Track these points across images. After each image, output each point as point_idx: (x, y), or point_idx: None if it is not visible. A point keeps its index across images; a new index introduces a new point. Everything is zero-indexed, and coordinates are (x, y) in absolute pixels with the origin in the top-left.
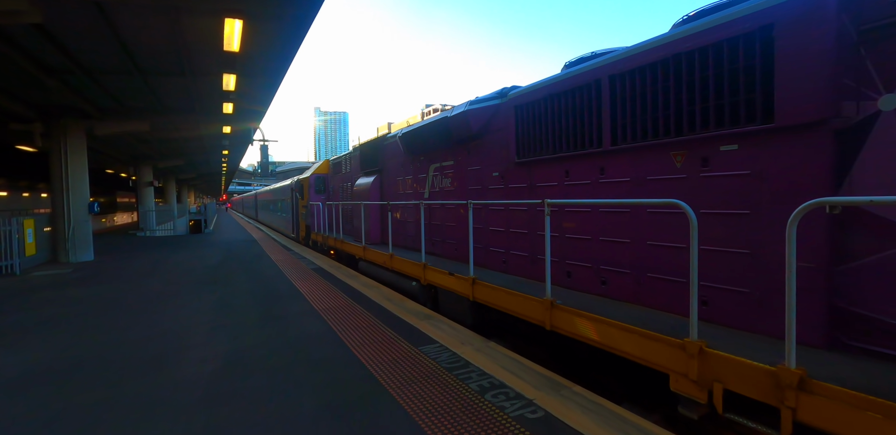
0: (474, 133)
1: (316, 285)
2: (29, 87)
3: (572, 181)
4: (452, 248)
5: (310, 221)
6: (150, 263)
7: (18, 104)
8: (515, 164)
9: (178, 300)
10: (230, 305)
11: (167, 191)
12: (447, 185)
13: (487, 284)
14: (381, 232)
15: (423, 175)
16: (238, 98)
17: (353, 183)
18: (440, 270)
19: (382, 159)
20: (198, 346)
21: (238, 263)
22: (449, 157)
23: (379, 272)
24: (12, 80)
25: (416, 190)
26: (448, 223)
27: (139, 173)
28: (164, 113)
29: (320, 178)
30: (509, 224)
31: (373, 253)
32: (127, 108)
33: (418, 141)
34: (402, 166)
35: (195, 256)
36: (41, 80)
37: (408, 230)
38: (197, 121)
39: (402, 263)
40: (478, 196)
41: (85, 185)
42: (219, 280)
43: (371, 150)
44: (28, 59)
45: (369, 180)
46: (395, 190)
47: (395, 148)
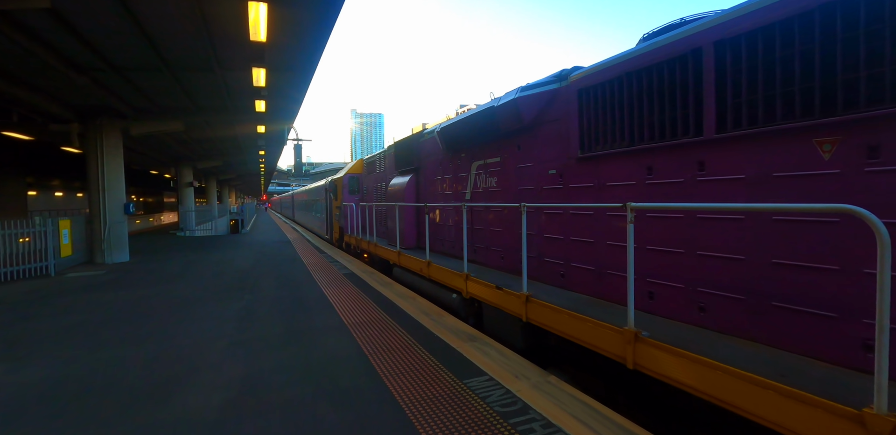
0: (526, 124)
1: (347, 294)
2: (63, 86)
3: (657, 180)
4: (498, 256)
5: (343, 223)
6: (182, 265)
7: (56, 105)
8: (578, 160)
9: (201, 308)
10: (254, 316)
11: (209, 191)
12: (492, 186)
13: (545, 304)
14: (416, 236)
15: (465, 174)
16: (270, 95)
17: (388, 183)
18: (486, 283)
19: (419, 157)
20: (211, 367)
21: (269, 267)
22: (495, 153)
23: (414, 280)
24: (44, 78)
25: (456, 190)
26: (493, 228)
27: (179, 174)
28: (197, 112)
29: (354, 179)
30: (570, 231)
31: (408, 259)
32: (161, 107)
33: (459, 136)
34: (440, 165)
35: (228, 257)
36: (72, 78)
37: (447, 235)
38: (230, 120)
39: (440, 272)
40: (530, 197)
41: (121, 186)
42: (247, 285)
43: (406, 147)
44: (55, 56)
45: (404, 180)
46: (433, 190)
47: (433, 145)
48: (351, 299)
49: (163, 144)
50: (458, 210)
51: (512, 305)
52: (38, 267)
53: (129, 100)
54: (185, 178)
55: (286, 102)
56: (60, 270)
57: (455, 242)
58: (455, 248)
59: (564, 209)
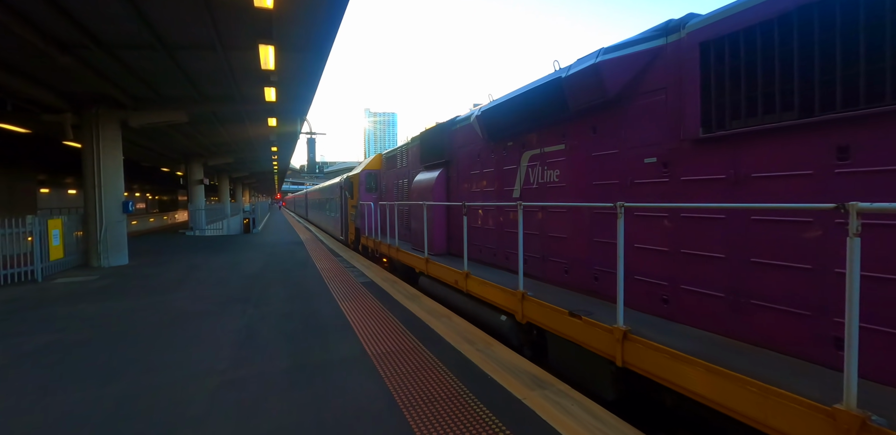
0: (609, 98)
1: (367, 310)
2: (48, 69)
3: (859, 167)
4: (560, 270)
5: (359, 223)
6: (184, 270)
7: (47, 93)
8: (697, 143)
9: (196, 327)
10: (256, 340)
11: (221, 189)
12: (552, 180)
13: (658, 347)
14: (447, 240)
15: (512, 167)
16: (280, 81)
17: (411, 179)
18: (552, 307)
19: (450, 149)
20: (189, 425)
21: (279, 273)
22: (557, 139)
23: (448, 295)
24: (23, 57)
25: (500, 187)
26: (554, 234)
27: (189, 171)
28: (202, 102)
29: (371, 175)
30: (679, 241)
31: (439, 268)
32: (162, 96)
33: (507, 119)
34: (477, 157)
35: (235, 261)
36: (54, 57)
37: (487, 240)
38: (239, 112)
39: (484, 287)
40: (611, 195)
41: (119, 182)
42: (252, 296)
43: (434, 138)
44: (32, 31)
45: (432, 176)
46: (468, 187)
47: (469, 133)
48: (372, 317)
49: (170, 139)
50: (502, 211)
51: (598, 340)
52: (23, 271)
53: (126, 87)
54: (196, 176)
55: (298, 89)
56: (49, 275)
57: (498, 249)
58: (498, 256)
59: (672, 211)
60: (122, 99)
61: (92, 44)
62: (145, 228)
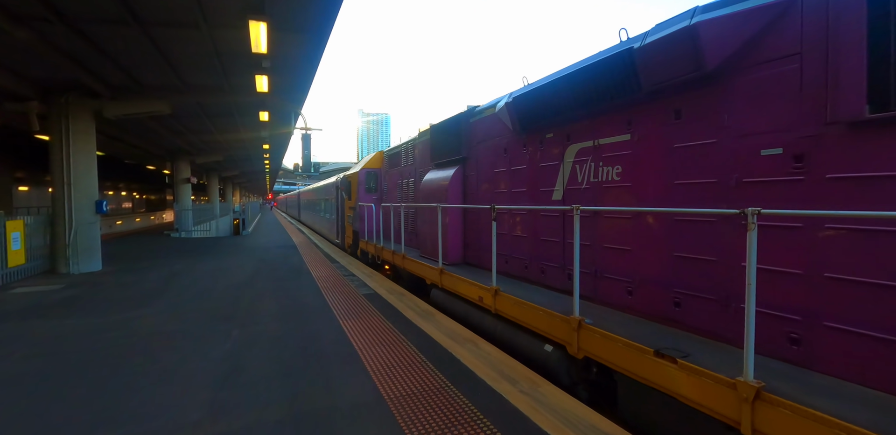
0: (708, 71)
1: (375, 331)
2: (4, 48)
3: None
4: (622, 290)
5: (358, 226)
6: (164, 278)
7: (5, 76)
8: (857, 127)
9: (168, 356)
10: (242, 375)
11: (210, 189)
12: (610, 178)
13: (820, 416)
14: (462, 248)
15: (552, 163)
16: (273, 68)
17: (418, 179)
18: (628, 342)
19: (467, 144)
20: None
21: (270, 281)
22: (618, 126)
23: (468, 312)
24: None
25: (533, 187)
26: (613, 245)
27: (176, 169)
28: (185, 91)
29: (372, 174)
30: (821, 261)
31: (457, 281)
32: (141, 85)
33: (547, 105)
34: (503, 152)
35: (222, 267)
36: (7, 30)
37: (516, 250)
38: (227, 104)
39: (521, 309)
40: (709, 197)
41: (91, 179)
42: (239, 312)
43: (448, 132)
44: None
45: (445, 175)
46: (490, 187)
47: (492, 125)
48: (383, 342)
49: (154, 134)
50: (537, 216)
51: (709, 397)
52: None
53: (100, 72)
54: (182, 174)
55: (293, 78)
56: (6, 284)
57: (531, 261)
58: (530, 269)
59: (812, 221)
60: (96, 87)
61: (52, 16)
62: (131, 228)
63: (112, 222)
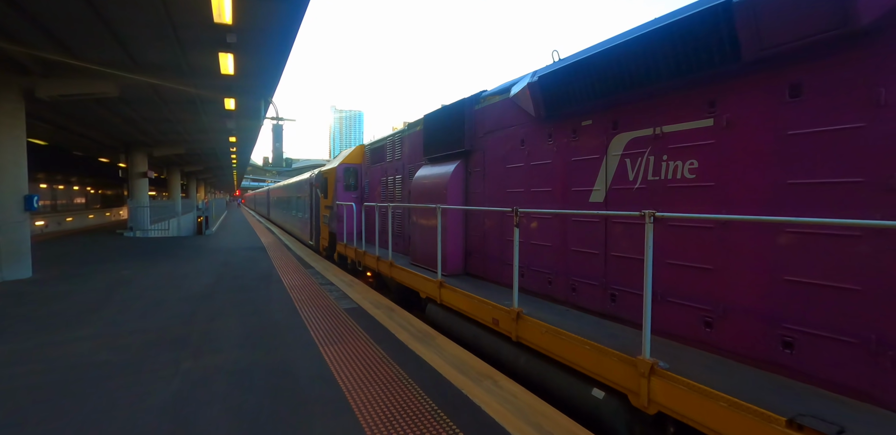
0: (861, 27)
1: (366, 364)
2: None
3: None
4: (697, 320)
5: (335, 228)
6: (106, 288)
7: None
8: None
9: (86, 406)
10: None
11: (171, 184)
12: (681, 176)
13: None
14: (464, 256)
15: (590, 156)
16: (240, 44)
17: (408, 176)
18: (743, 404)
19: (471, 135)
20: None
21: (233, 292)
22: (695, 109)
23: (477, 335)
24: None
25: (562, 186)
26: (684, 262)
27: (131, 162)
28: (135, 70)
29: (351, 171)
30: None
31: (462, 298)
32: (82, 60)
33: (589, 84)
34: (520, 144)
35: (178, 273)
36: None
37: (537, 262)
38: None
39: (556, 339)
40: (853, 202)
41: (20, 170)
42: (192, 335)
43: (446, 122)
44: None
45: (444, 171)
46: (500, 186)
47: (506, 112)
48: (377, 379)
49: (104, 122)
50: (566, 222)
51: None
52: None
53: (28, 42)
54: (138, 168)
55: (263, 59)
56: None
57: (557, 276)
58: (556, 286)
59: None
60: (25, 61)
61: None
62: (83, 225)
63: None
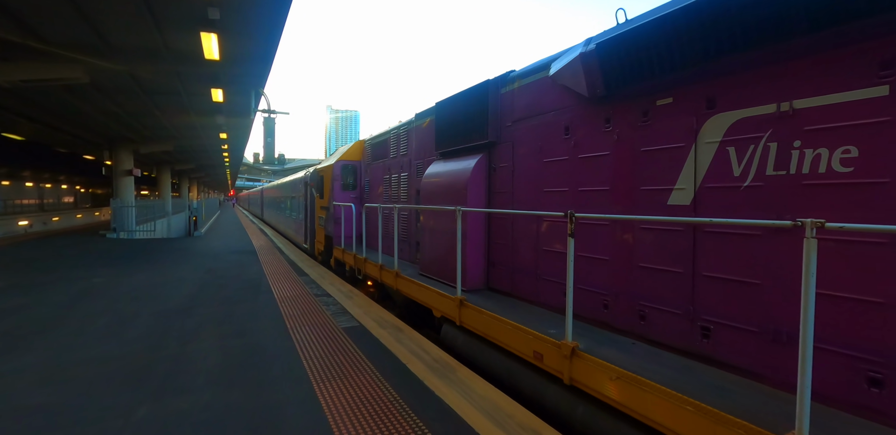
0: None
1: (375, 410)
2: None
3: None
4: (859, 375)
5: (332, 230)
6: (69, 300)
7: None
8: None
9: None
10: None
11: (161, 183)
12: (828, 169)
13: None
14: (485, 268)
15: (672, 146)
16: (225, 22)
17: (415, 173)
18: None
19: (497, 123)
20: None
21: (216, 306)
22: (849, 75)
23: (513, 371)
24: None
25: (627, 184)
26: (838, 292)
27: (116, 159)
28: (108, 55)
29: (349, 168)
30: None
31: (491, 322)
32: (46, 42)
33: (677, 47)
34: (564, 132)
35: (156, 282)
36: None
37: (587, 280)
38: (167, 74)
39: (638, 395)
40: None
41: None
42: (158, 367)
43: (466, 108)
44: None
45: (463, 166)
46: (534, 185)
47: (544, 95)
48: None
49: (84, 116)
50: (632, 231)
51: None
52: None
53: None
54: (123, 165)
55: (252, 40)
56: None
57: (618, 298)
58: (615, 311)
59: None
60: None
61: None
62: (70, 225)
63: (47, 219)
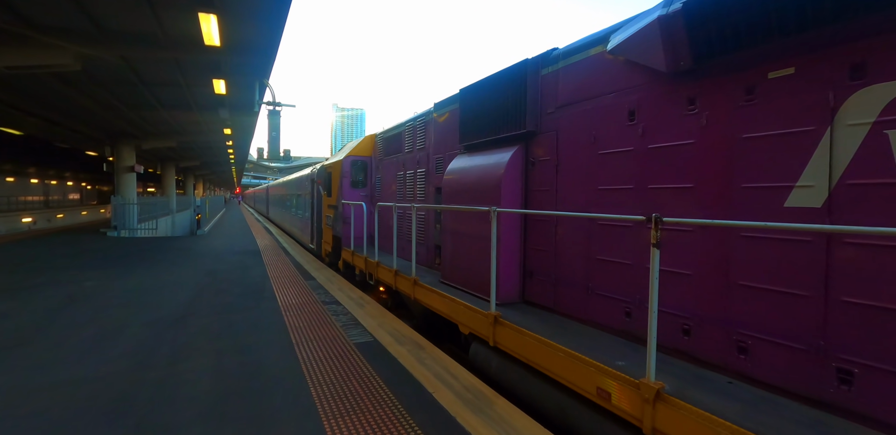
0: None
1: None
2: None
3: None
4: None
5: (340, 231)
6: (54, 307)
7: None
8: None
9: None
10: None
11: (165, 180)
12: None
13: None
14: (520, 278)
15: (786, 131)
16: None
17: (435, 169)
18: None
19: (538, 110)
20: None
21: (214, 315)
22: None
23: (565, 407)
24: None
25: (717, 183)
26: None
27: (117, 155)
28: (101, 40)
29: (359, 164)
30: None
31: (536, 346)
32: (32, 26)
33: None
34: (628, 118)
35: (151, 286)
36: None
37: (662, 297)
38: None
39: None
40: None
41: None
42: (142, 391)
43: (497, 94)
44: None
45: (494, 161)
46: (588, 181)
47: (600, 74)
48: None
49: (79, 107)
50: (718, 239)
51: None
52: None
53: None
54: (125, 161)
55: (254, 25)
56: None
57: (702, 324)
58: (701, 341)
59: None
60: None
61: None
62: (74, 222)
63: (52, 216)
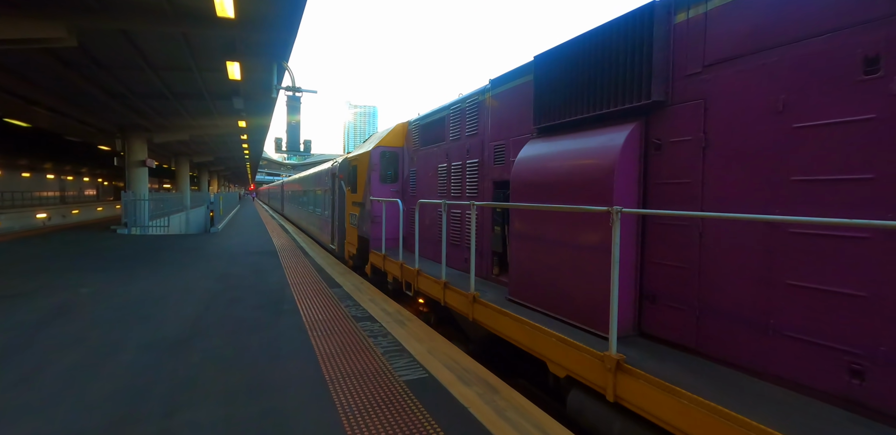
0: None
1: None
2: None
3: None
4: None
5: (368, 231)
6: (38, 321)
7: None
8: None
9: None
10: None
11: (180, 175)
12: None
13: None
14: (634, 303)
15: None
16: None
17: (490, 160)
18: None
19: (665, 75)
20: None
21: (225, 335)
22: None
23: None
24: None
25: None
26: None
27: (128, 148)
28: (98, 9)
29: (390, 156)
30: None
31: (698, 413)
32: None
33: None
34: (870, 72)
35: (156, 294)
36: None
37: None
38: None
39: None
40: None
41: None
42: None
43: (598, 55)
44: None
45: (599, 145)
46: (764, 170)
47: (785, 10)
48: None
49: (88, 98)
50: None
51: None
52: None
53: None
54: (137, 156)
55: None
56: None
57: (883, 360)
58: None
59: None
60: None
61: None
62: (89, 218)
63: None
